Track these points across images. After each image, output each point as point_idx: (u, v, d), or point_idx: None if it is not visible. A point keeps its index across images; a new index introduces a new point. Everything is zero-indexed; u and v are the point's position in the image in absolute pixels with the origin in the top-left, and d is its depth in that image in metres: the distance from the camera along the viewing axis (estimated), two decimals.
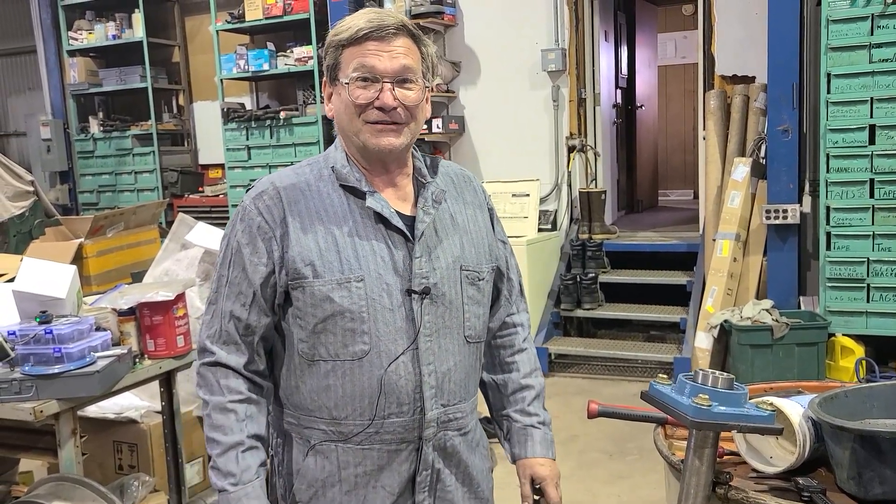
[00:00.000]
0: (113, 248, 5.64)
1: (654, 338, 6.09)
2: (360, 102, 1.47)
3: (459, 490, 1.60)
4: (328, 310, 1.46)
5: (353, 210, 1.51)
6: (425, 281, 1.50)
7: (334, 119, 1.55)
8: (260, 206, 1.51)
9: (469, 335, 1.58)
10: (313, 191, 1.52)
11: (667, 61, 10.17)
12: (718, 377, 1.50)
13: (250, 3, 7.14)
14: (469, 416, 1.61)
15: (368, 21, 1.47)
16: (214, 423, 1.50)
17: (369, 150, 1.50)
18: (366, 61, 1.46)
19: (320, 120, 7.04)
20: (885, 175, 4.54)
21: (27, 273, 2.57)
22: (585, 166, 6.55)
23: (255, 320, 1.51)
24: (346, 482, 1.52)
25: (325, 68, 1.55)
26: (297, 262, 1.47)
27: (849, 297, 4.70)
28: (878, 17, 4.51)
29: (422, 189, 1.57)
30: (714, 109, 5.61)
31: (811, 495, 1.51)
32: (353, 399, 1.49)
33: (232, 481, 1.47)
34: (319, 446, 1.52)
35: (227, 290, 1.52)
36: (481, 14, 6.70)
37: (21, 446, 2.67)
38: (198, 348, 1.56)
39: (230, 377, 1.51)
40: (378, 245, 1.49)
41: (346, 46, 1.48)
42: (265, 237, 1.49)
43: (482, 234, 1.63)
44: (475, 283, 1.59)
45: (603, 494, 3.89)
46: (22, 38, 9.19)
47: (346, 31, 1.49)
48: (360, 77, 1.46)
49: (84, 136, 8.52)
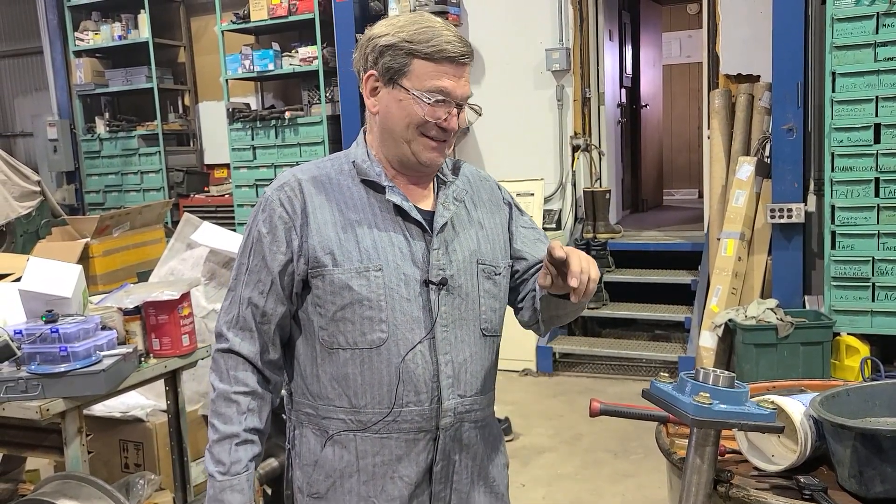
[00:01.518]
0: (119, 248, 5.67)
1: (659, 337, 6.09)
2: (430, 120, 1.50)
3: (475, 483, 1.62)
4: (347, 297, 1.50)
5: (373, 203, 1.55)
6: (442, 272, 1.54)
7: (377, 116, 1.55)
8: (281, 197, 1.55)
9: (485, 328, 1.60)
10: (333, 183, 1.56)
11: (671, 60, 10.15)
12: (719, 375, 1.50)
13: (255, 4, 7.16)
14: (486, 409, 1.63)
15: (450, 43, 1.48)
16: (217, 410, 1.55)
17: (418, 160, 1.54)
18: (444, 85, 1.49)
19: (325, 120, 7.06)
20: (891, 174, 4.54)
21: (33, 272, 2.59)
22: (590, 166, 6.55)
23: (271, 308, 1.55)
24: (365, 472, 1.54)
25: (374, 63, 1.52)
26: (316, 251, 1.51)
27: (854, 296, 4.69)
28: (883, 15, 4.50)
29: (442, 187, 1.61)
30: (718, 108, 5.60)
31: (812, 493, 1.51)
32: (372, 387, 1.52)
33: (221, 469, 1.53)
34: (338, 436, 1.55)
35: (247, 277, 1.56)
36: (485, 14, 6.70)
37: (27, 444, 2.68)
38: (215, 333, 1.60)
39: (240, 367, 1.55)
40: (396, 237, 1.53)
41: (419, 57, 1.48)
42: (285, 226, 1.53)
43: (498, 231, 1.66)
44: (491, 278, 1.61)
45: (608, 493, 3.90)
46: (28, 39, 9.23)
47: (425, 42, 1.47)
48: (439, 99, 1.49)
49: (90, 136, 8.55)
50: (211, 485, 1.54)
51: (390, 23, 1.53)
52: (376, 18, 6.77)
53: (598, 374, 5.73)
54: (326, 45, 6.98)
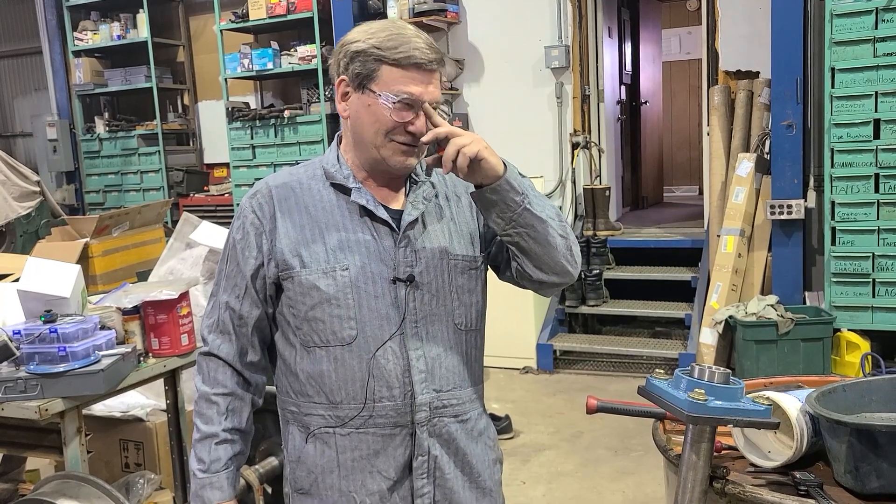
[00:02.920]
0: (118, 248, 5.67)
1: (660, 334, 6.08)
2: (398, 123, 1.52)
3: (459, 478, 1.62)
4: (316, 297, 1.55)
5: (341, 205, 1.59)
6: (410, 269, 1.56)
7: (349, 121, 1.59)
8: (253, 204, 1.62)
9: (459, 323, 1.62)
10: (304, 188, 1.62)
11: (671, 57, 10.14)
12: (715, 372, 1.50)
13: (254, 3, 7.15)
14: (468, 404, 1.64)
15: (418, 49, 1.50)
16: (199, 410, 1.64)
17: (388, 165, 1.56)
18: (411, 90, 1.50)
19: (324, 118, 7.06)
20: (891, 169, 4.53)
21: (32, 272, 2.59)
22: (590, 163, 6.55)
23: (247, 311, 1.61)
24: (344, 467, 1.58)
25: (345, 68, 1.55)
26: (285, 254, 1.57)
27: (854, 292, 4.69)
28: (882, 10, 4.49)
29: (413, 186, 1.64)
30: (718, 105, 5.60)
31: (808, 489, 1.51)
32: (346, 383, 1.56)
33: (201, 467, 1.61)
34: (319, 432, 1.59)
35: (225, 282, 1.64)
36: (485, 11, 6.70)
37: (27, 444, 2.68)
38: (200, 336, 1.68)
39: (219, 370, 1.63)
40: (364, 236, 1.57)
41: (387, 63, 1.51)
42: (256, 232, 1.60)
43: (469, 222, 1.66)
44: (466, 272, 1.63)
45: (608, 491, 3.90)
46: (27, 39, 9.24)
47: (392, 49, 1.50)
48: (406, 102, 1.50)
49: (90, 136, 8.55)
50: (193, 481, 1.62)
51: (363, 29, 1.56)
52: (375, 16, 6.78)
53: (598, 372, 5.73)
54: (325, 44, 6.98)
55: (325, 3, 6.83)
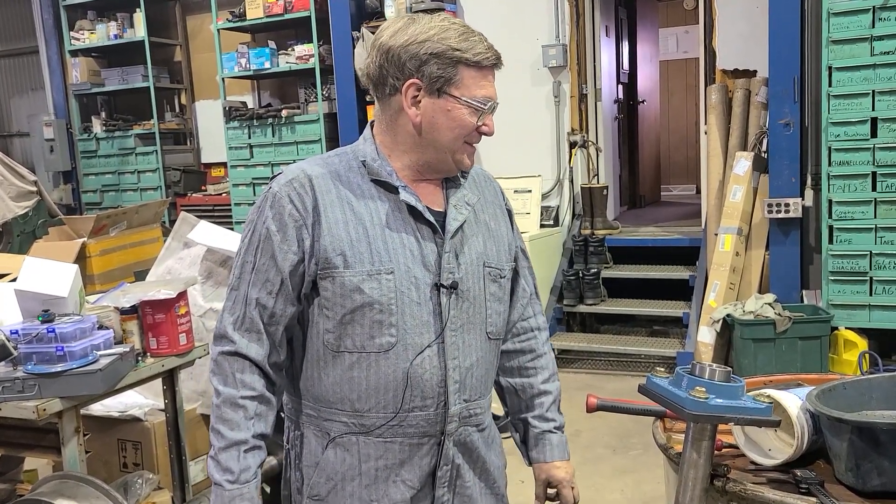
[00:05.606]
0: (116, 248, 5.66)
1: (658, 333, 6.08)
2: (484, 128, 1.50)
3: (477, 486, 1.61)
4: (357, 301, 1.46)
5: (384, 202, 1.50)
6: (452, 275, 1.51)
7: (420, 125, 1.48)
8: (291, 193, 1.48)
9: (490, 331, 1.59)
10: (343, 181, 1.50)
11: (668, 56, 10.14)
12: (715, 370, 1.50)
13: (251, 2, 7.15)
14: (486, 412, 1.62)
15: (489, 49, 1.47)
16: (223, 415, 1.48)
17: (459, 167, 1.53)
18: (490, 93, 1.49)
19: (322, 118, 7.05)
20: (888, 168, 4.54)
21: (29, 272, 2.58)
22: (587, 162, 6.55)
23: (280, 309, 1.49)
24: (367, 475, 1.51)
25: (415, 70, 1.45)
26: (328, 252, 1.46)
27: (851, 290, 4.69)
28: (879, 9, 4.50)
29: (451, 187, 1.58)
30: (715, 104, 5.60)
31: (809, 487, 1.51)
32: (378, 391, 1.48)
33: (229, 478, 1.46)
34: (340, 439, 1.52)
35: (254, 276, 1.49)
36: (482, 10, 6.69)
37: (25, 444, 2.68)
38: (217, 334, 1.52)
39: (247, 371, 1.49)
40: (407, 238, 1.49)
41: (466, 65, 1.45)
42: (296, 225, 1.47)
43: (503, 233, 1.65)
44: (497, 281, 1.60)
45: (607, 489, 3.90)
46: (24, 39, 9.21)
47: (469, 50, 1.45)
48: (491, 108, 1.49)
49: (87, 135, 8.54)
50: (218, 494, 1.47)
51: (422, 28, 1.46)
52: (372, 16, 6.77)
53: (596, 371, 5.73)
54: (323, 43, 6.98)
55: (323, 2, 6.83)
